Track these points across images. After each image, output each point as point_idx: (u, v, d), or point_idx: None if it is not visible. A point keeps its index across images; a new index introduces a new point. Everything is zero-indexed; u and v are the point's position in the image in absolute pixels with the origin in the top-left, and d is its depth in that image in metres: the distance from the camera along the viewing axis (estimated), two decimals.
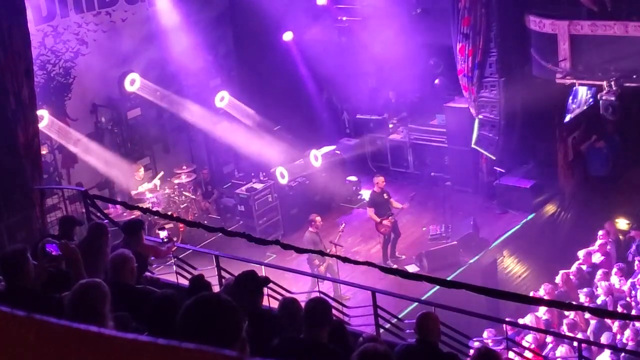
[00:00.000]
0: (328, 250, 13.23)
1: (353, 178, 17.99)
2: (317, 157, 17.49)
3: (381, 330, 8.71)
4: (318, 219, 14.21)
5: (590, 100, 17.04)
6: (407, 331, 8.35)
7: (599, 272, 13.57)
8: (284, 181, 16.94)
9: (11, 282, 5.61)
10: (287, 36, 18.54)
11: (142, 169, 16.16)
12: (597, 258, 14.43)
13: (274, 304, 7.44)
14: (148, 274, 8.59)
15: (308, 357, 5.36)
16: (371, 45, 17.97)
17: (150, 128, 17.27)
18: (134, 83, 16.41)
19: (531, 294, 13.35)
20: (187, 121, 17.52)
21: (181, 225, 14.80)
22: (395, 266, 14.16)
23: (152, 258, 8.87)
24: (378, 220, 14.91)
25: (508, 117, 16.44)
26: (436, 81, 18.34)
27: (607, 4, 14.90)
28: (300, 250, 9.37)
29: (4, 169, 8.97)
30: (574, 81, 15.52)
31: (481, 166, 17.31)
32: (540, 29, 15.53)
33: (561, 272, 14.15)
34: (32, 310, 1.48)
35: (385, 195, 15.07)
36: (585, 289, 13.22)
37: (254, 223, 16.13)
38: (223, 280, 8.73)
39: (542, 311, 13.01)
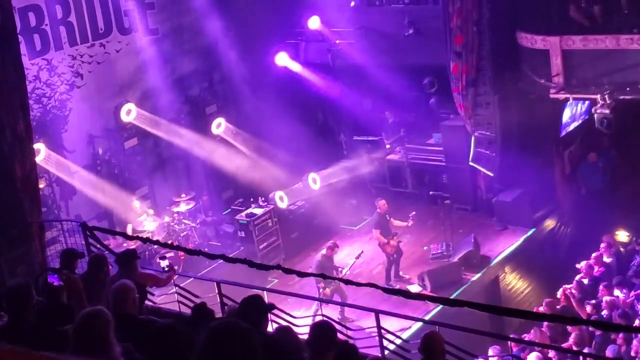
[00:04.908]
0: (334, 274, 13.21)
1: (352, 200, 17.99)
2: (315, 180, 17.51)
3: (386, 352, 8.67)
4: (337, 248, 14.21)
5: (585, 114, 17.08)
6: (412, 352, 8.31)
7: (601, 286, 13.52)
8: (283, 205, 16.93)
9: (15, 316, 5.59)
10: (281, 60, 18.61)
11: (136, 202, 16.11)
12: (598, 271, 14.37)
13: None
14: (149, 303, 8.57)
15: None
16: (365, 67, 18.06)
17: (147, 157, 17.29)
18: (130, 113, 16.46)
19: (534, 310, 13.28)
20: (185, 149, 17.56)
21: (182, 253, 14.77)
22: (398, 286, 14.12)
23: (153, 287, 8.84)
24: (385, 240, 14.91)
25: (504, 134, 16.48)
26: (431, 100, 18.40)
27: (598, 18, 14.99)
28: (301, 274, 9.34)
29: (2, 203, 8.95)
30: (568, 96, 15.57)
31: (479, 183, 17.33)
32: (532, 45, 15.61)
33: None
34: (34, 344, 1.48)
35: (387, 216, 15.10)
36: (587, 302, 13.16)
37: (254, 248, 16.09)
38: (225, 307, 8.69)
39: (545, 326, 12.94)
